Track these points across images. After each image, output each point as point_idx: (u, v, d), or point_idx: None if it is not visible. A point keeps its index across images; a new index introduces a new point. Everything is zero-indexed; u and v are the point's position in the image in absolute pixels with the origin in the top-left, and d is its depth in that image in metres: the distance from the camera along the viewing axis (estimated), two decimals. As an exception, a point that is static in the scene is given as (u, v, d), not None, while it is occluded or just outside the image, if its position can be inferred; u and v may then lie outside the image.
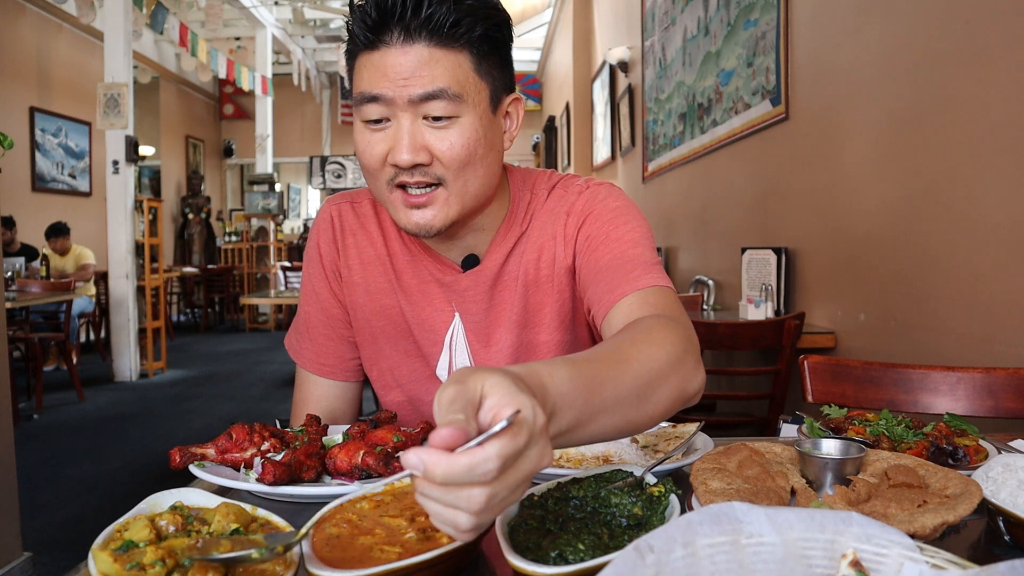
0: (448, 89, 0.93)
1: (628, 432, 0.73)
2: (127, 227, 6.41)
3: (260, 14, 9.77)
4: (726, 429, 2.56)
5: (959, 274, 1.78)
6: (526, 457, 0.52)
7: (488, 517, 0.52)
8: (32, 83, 7.88)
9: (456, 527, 0.52)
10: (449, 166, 0.96)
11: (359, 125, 0.99)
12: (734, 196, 3.48)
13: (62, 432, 4.74)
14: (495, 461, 0.49)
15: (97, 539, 0.61)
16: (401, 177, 0.97)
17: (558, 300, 1.12)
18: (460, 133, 0.96)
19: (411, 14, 0.91)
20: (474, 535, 0.54)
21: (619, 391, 0.69)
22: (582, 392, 0.64)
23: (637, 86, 5.37)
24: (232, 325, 10.73)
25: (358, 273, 1.16)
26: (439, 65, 0.93)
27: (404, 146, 0.94)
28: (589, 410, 0.65)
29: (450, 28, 0.93)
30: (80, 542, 2.84)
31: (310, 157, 12.48)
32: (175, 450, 0.85)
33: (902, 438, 0.92)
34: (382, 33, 0.93)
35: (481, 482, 0.50)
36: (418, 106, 0.94)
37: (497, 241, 1.11)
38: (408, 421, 1.20)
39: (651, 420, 0.76)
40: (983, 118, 1.69)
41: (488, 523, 0.54)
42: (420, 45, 0.93)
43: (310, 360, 1.20)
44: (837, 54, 2.40)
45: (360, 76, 0.96)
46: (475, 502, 0.50)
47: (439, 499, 0.51)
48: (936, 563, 0.49)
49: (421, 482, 0.51)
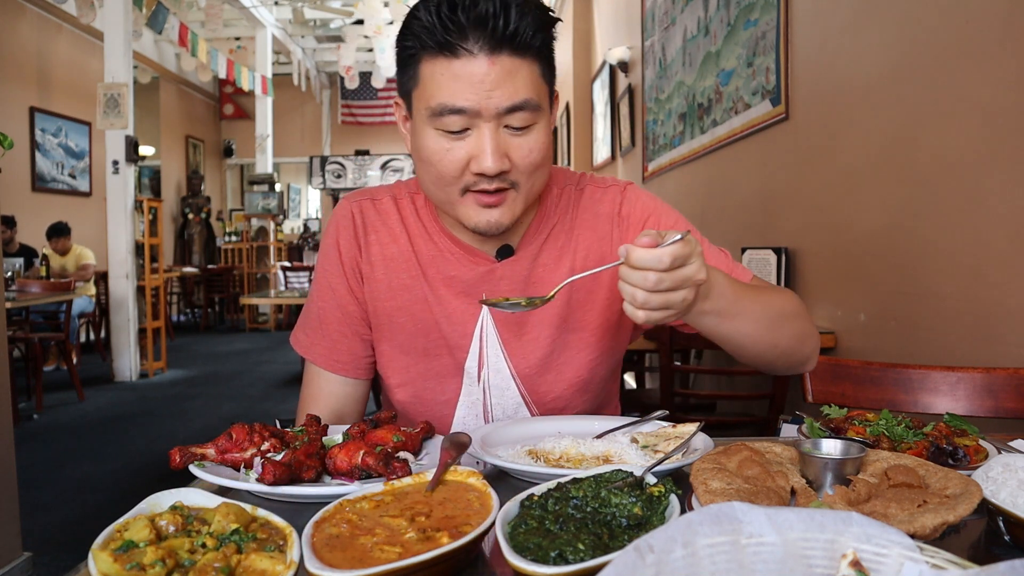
0: (531, 100, 0.96)
1: (761, 345, 1.02)
2: (127, 227, 6.41)
3: (260, 14, 9.77)
4: (726, 429, 2.56)
5: (959, 274, 1.78)
6: (689, 264, 0.81)
7: (654, 300, 0.81)
8: (32, 83, 7.88)
9: (633, 300, 0.82)
10: (524, 170, 0.99)
11: (432, 132, 0.98)
12: (734, 196, 3.48)
13: (62, 432, 4.74)
14: (669, 256, 0.79)
15: (97, 539, 0.61)
16: (481, 184, 0.98)
17: (608, 298, 1.16)
18: (536, 139, 0.99)
19: (502, 25, 0.91)
20: (643, 315, 0.82)
21: (756, 309, 0.98)
22: (731, 292, 0.94)
23: (637, 86, 5.37)
24: (232, 325, 10.73)
25: (380, 271, 1.16)
26: (520, 76, 0.95)
27: (490, 155, 0.95)
28: (733, 309, 0.94)
29: (531, 40, 0.94)
30: (80, 542, 2.84)
31: (310, 157, 12.51)
32: (175, 450, 0.85)
33: (902, 438, 0.92)
34: (465, 41, 0.92)
35: (656, 268, 0.79)
36: (502, 116, 0.95)
37: (531, 232, 1.14)
38: (412, 421, 1.20)
39: (776, 346, 1.04)
40: (983, 118, 1.69)
41: (657, 313, 0.82)
42: (504, 56, 0.93)
43: (322, 356, 1.19)
44: (837, 54, 2.40)
45: (436, 83, 0.95)
46: (648, 282, 0.79)
47: (627, 278, 0.81)
48: (936, 563, 0.49)
49: (624, 268, 0.81)
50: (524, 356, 1.15)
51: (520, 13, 0.93)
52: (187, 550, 0.60)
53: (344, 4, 9.56)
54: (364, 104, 12.95)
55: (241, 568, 0.58)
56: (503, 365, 1.15)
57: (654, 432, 0.99)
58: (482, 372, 1.15)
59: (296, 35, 11.29)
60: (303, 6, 9.97)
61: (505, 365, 1.15)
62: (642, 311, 0.83)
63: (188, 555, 0.60)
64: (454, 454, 0.82)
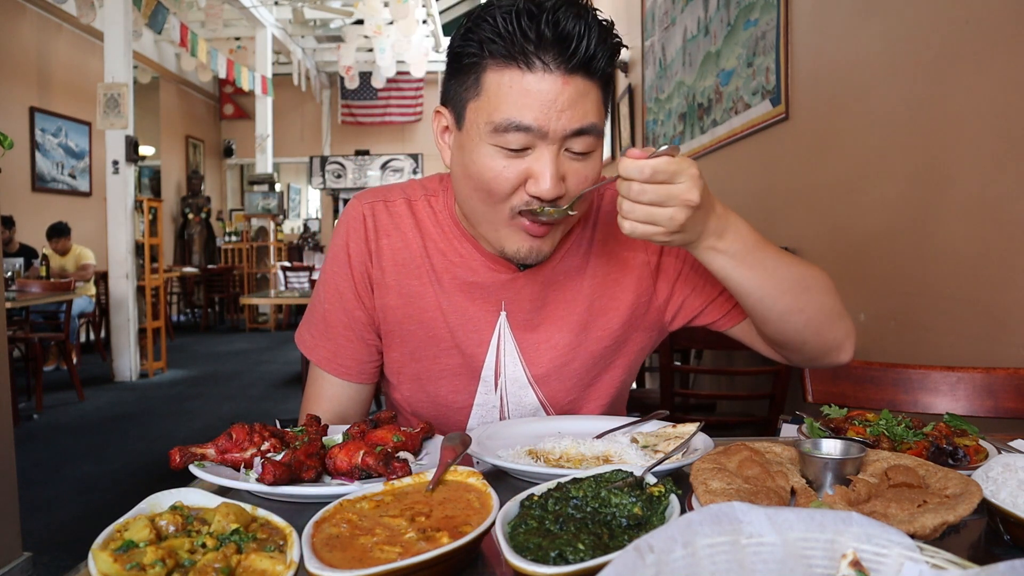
0: (597, 125, 0.93)
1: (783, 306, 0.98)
2: (127, 227, 6.41)
3: (260, 14, 9.76)
4: (726, 429, 2.56)
5: (959, 274, 1.78)
6: (677, 182, 0.81)
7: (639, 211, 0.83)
8: (32, 83, 7.88)
9: (620, 209, 0.84)
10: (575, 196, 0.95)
11: (489, 148, 0.92)
12: (734, 196, 3.48)
13: (62, 432, 4.74)
14: (649, 168, 0.80)
15: (97, 539, 0.61)
16: (533, 206, 0.94)
17: (630, 304, 1.13)
18: (593, 167, 0.96)
19: (584, 47, 0.88)
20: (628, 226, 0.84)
21: (779, 267, 0.95)
22: (751, 239, 0.92)
23: (637, 86, 5.37)
24: (232, 325, 10.73)
25: (392, 276, 1.12)
26: (588, 99, 0.92)
27: (549, 179, 0.91)
28: (750, 258, 0.92)
29: (605, 65, 0.91)
30: (80, 542, 2.84)
31: (310, 157, 12.51)
32: (175, 450, 0.85)
33: (902, 438, 0.92)
34: (545, 55, 0.88)
35: (636, 179, 0.81)
36: (567, 140, 0.91)
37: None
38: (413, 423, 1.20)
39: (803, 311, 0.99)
40: (983, 118, 1.69)
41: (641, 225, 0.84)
42: (579, 77, 0.90)
43: (326, 359, 1.16)
44: (837, 54, 2.40)
45: (503, 96, 0.90)
46: (632, 191, 0.82)
47: (621, 191, 0.83)
48: (936, 563, 0.49)
49: (619, 181, 0.83)
50: (542, 361, 1.13)
51: (600, 38, 0.90)
52: (187, 550, 0.60)
53: (344, 4, 9.55)
54: (364, 104, 12.95)
55: (241, 568, 0.58)
56: (521, 373, 1.13)
57: (654, 432, 0.99)
58: (499, 380, 1.13)
59: (296, 35, 11.28)
60: (303, 6, 9.96)
61: (522, 372, 1.13)
62: (627, 221, 0.85)
63: (188, 555, 0.60)
64: (454, 454, 0.81)
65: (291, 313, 10.34)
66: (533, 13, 0.87)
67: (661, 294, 1.16)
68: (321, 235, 13.02)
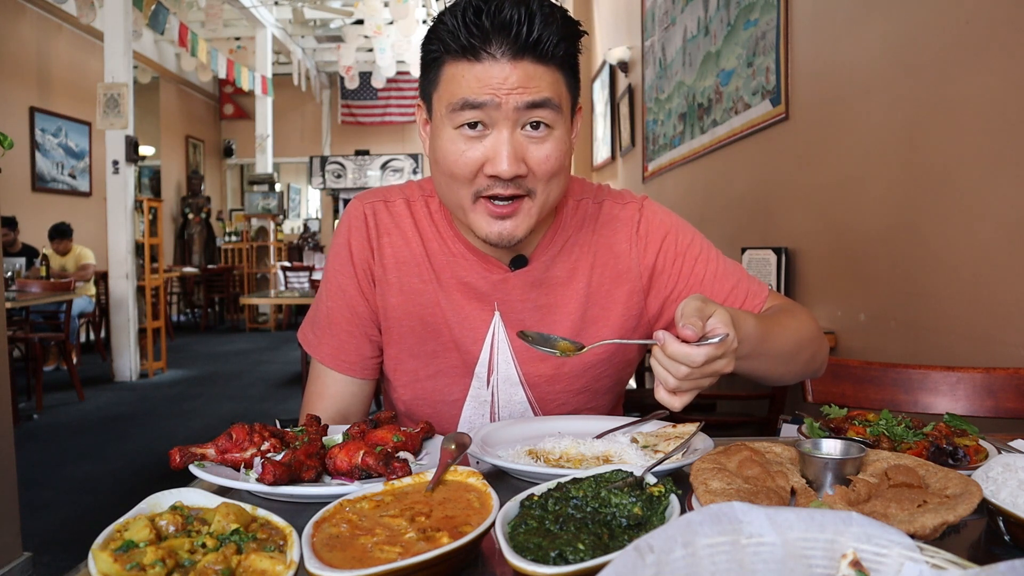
0: (551, 99, 0.96)
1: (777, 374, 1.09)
2: (127, 227, 6.41)
3: (260, 14, 9.77)
4: (726, 429, 2.56)
5: (959, 274, 1.78)
6: (719, 361, 0.86)
7: (684, 386, 0.85)
8: (32, 83, 7.88)
9: (665, 383, 0.86)
10: (541, 177, 0.98)
11: (450, 133, 0.98)
12: (734, 196, 3.48)
13: (62, 432, 4.74)
14: (702, 357, 0.83)
15: (97, 539, 0.61)
16: (495, 189, 0.97)
17: (622, 314, 1.16)
18: (555, 145, 0.98)
19: (526, 32, 0.92)
20: (670, 398, 0.87)
21: (778, 346, 1.03)
22: (755, 336, 0.96)
23: (637, 86, 5.37)
24: (232, 325, 10.73)
25: (393, 273, 1.15)
26: (542, 79, 0.95)
27: (506, 157, 0.94)
28: (757, 351, 0.99)
29: (554, 49, 0.95)
30: (80, 542, 2.84)
31: (310, 157, 12.50)
32: (175, 450, 0.85)
33: (902, 438, 0.92)
34: (489, 46, 0.93)
35: (688, 364, 0.83)
36: (521, 114, 0.95)
37: (544, 243, 1.13)
38: (415, 420, 1.20)
39: (791, 371, 1.12)
40: (983, 118, 1.69)
41: (686, 396, 0.87)
42: (526, 62, 0.94)
43: (329, 355, 1.19)
44: (837, 54, 2.40)
45: (457, 83, 0.95)
46: (680, 372, 0.84)
47: (662, 363, 0.85)
48: (936, 563, 0.49)
49: (657, 350, 0.86)
50: (534, 364, 1.15)
51: (545, 22, 0.93)
52: (187, 550, 0.60)
53: (344, 4, 9.56)
54: (364, 104, 12.95)
55: (241, 568, 0.58)
56: (513, 372, 1.15)
57: (654, 432, 0.99)
58: (492, 377, 1.16)
59: (296, 35, 11.29)
60: (303, 6, 9.97)
61: (515, 372, 1.15)
62: (672, 396, 0.88)
63: (188, 555, 0.60)
64: (454, 454, 0.82)
65: (291, 313, 10.34)
66: (480, 8, 0.93)
67: (651, 309, 1.18)
68: (321, 235, 13.02)
